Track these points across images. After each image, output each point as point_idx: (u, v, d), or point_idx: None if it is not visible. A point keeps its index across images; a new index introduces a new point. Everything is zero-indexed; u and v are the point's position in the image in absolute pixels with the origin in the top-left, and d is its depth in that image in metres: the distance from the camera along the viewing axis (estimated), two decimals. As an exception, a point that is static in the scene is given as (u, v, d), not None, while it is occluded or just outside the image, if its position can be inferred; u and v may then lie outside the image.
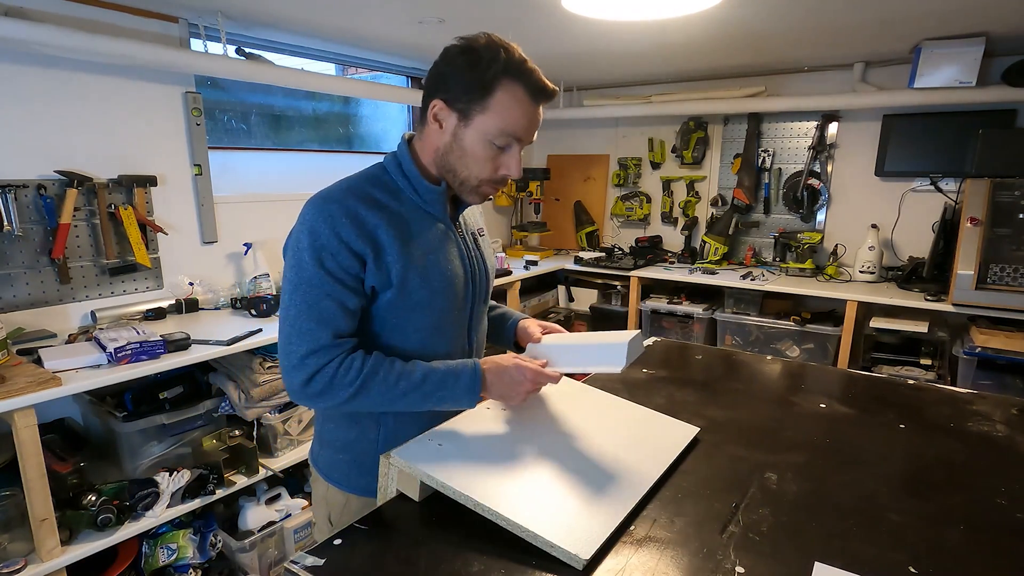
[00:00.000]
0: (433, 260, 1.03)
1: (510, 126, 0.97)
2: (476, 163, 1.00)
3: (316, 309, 0.95)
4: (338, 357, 0.96)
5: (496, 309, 1.34)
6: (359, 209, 0.97)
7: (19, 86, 1.84)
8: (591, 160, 3.95)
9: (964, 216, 2.46)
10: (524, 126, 0.98)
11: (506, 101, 0.96)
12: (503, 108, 0.96)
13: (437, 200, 1.05)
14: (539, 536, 0.75)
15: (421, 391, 0.98)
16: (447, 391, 0.99)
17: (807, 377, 1.44)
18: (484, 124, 0.97)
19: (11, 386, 1.43)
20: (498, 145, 0.99)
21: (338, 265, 0.95)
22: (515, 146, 1.00)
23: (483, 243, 1.18)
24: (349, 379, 0.95)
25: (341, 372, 0.95)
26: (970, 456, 1.04)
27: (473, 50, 0.96)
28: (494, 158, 1.00)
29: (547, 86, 0.98)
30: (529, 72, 0.96)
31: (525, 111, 0.98)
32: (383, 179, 1.04)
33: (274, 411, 2.06)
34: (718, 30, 2.29)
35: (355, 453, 1.10)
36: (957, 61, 2.41)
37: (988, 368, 2.43)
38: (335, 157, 3.04)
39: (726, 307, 3.13)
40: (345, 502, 1.13)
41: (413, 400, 0.99)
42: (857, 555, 0.76)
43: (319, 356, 0.95)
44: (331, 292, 0.95)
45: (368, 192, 1.01)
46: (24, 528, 1.53)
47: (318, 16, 2.15)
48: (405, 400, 0.98)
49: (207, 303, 2.28)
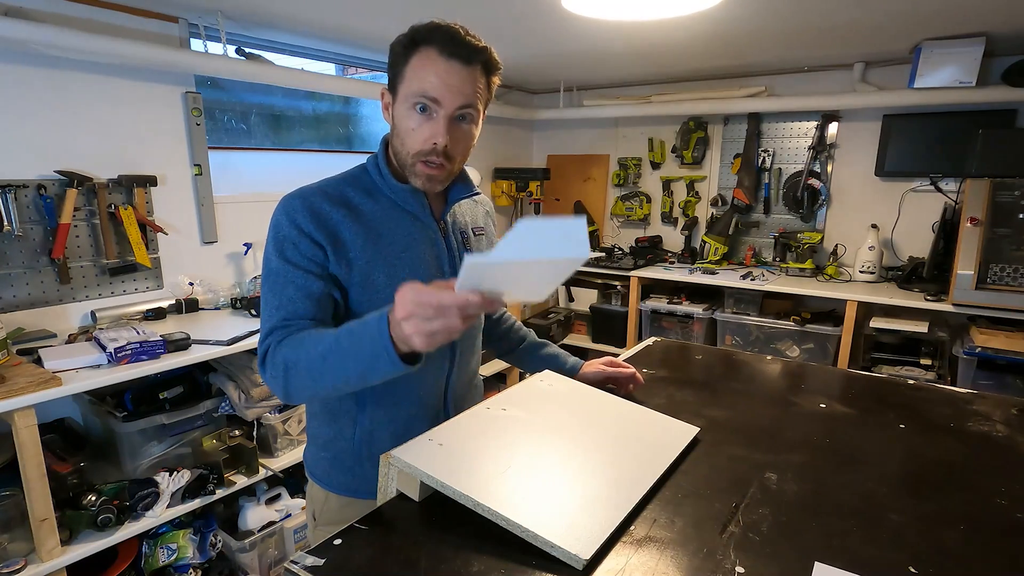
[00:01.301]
0: (405, 258, 1.02)
1: (423, 86, 0.93)
2: (408, 137, 0.97)
3: (278, 297, 0.96)
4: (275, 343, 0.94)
5: (547, 348, 1.35)
6: (323, 205, 0.99)
7: (19, 86, 1.84)
8: (591, 160, 3.95)
9: (964, 216, 2.46)
10: (436, 85, 0.93)
11: (418, 64, 0.94)
12: (417, 71, 0.94)
13: (410, 198, 1.04)
14: (539, 536, 0.75)
15: (339, 357, 0.85)
16: (360, 349, 0.83)
17: (807, 377, 1.44)
18: (404, 93, 0.96)
19: (11, 386, 1.43)
20: (419, 111, 0.95)
21: (299, 254, 0.96)
22: (439, 111, 0.95)
23: (478, 242, 1.16)
24: (276, 368, 0.92)
25: (271, 360, 0.93)
26: (970, 456, 1.04)
27: (406, 33, 0.97)
28: (420, 128, 0.96)
29: (465, 41, 0.93)
30: (444, 32, 0.93)
31: (437, 70, 0.93)
32: (362, 179, 1.05)
33: (274, 411, 2.06)
34: (718, 30, 2.29)
35: (334, 451, 1.11)
36: (957, 61, 2.41)
37: (988, 368, 2.43)
38: (335, 157, 3.05)
39: (726, 307, 3.13)
40: (325, 499, 1.14)
41: (338, 372, 0.86)
42: (857, 555, 0.76)
43: (268, 339, 0.95)
44: (293, 279, 0.96)
45: (339, 191, 1.02)
46: (24, 528, 1.53)
47: (318, 16, 2.15)
48: (332, 376, 0.87)
49: (207, 303, 2.28)
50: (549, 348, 1.36)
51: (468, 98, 0.95)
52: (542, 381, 1.20)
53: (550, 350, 1.35)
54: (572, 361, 1.32)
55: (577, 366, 1.30)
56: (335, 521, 1.09)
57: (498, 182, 3.86)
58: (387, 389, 1.07)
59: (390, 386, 1.07)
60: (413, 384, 1.08)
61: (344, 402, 1.08)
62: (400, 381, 1.07)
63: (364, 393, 1.07)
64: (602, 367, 1.26)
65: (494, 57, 0.98)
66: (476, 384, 1.26)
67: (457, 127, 0.97)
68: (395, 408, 1.08)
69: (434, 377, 1.11)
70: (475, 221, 1.18)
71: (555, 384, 1.20)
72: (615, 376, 1.25)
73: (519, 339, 1.37)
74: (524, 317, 3.61)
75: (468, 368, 1.19)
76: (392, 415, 1.08)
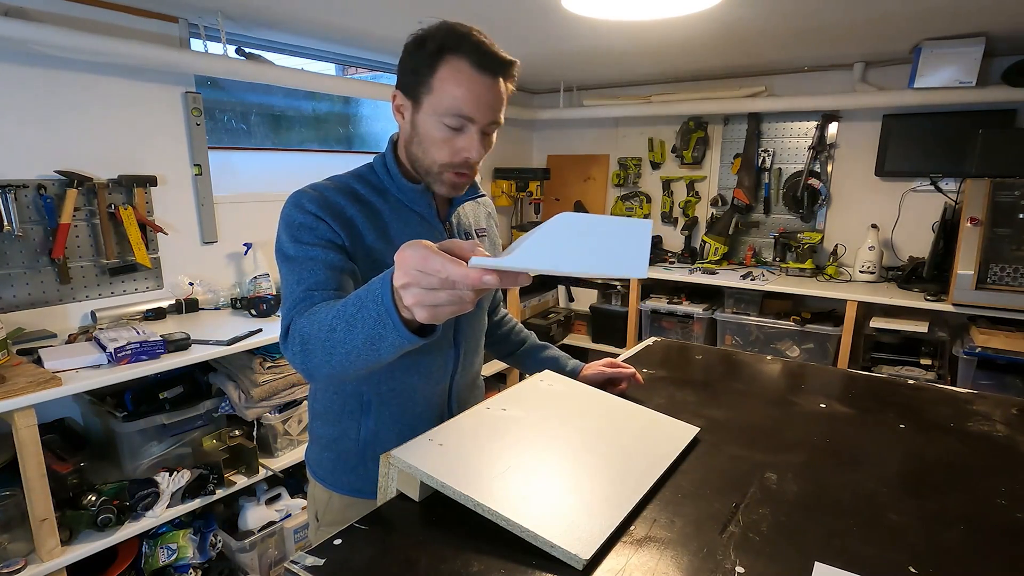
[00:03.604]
0: None
1: (456, 103, 0.91)
2: (434, 147, 0.96)
3: (297, 274, 0.92)
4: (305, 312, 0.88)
5: (548, 350, 1.35)
6: (336, 197, 0.98)
7: (19, 86, 1.84)
8: (591, 160, 3.95)
9: (964, 216, 2.46)
10: (471, 101, 0.91)
11: (449, 77, 0.90)
12: (447, 85, 0.91)
13: (419, 198, 1.04)
14: (539, 536, 0.75)
15: (347, 326, 0.77)
16: (364, 314, 0.75)
17: (807, 377, 1.44)
18: (432, 104, 0.93)
19: (11, 386, 1.43)
20: (450, 126, 0.93)
21: (316, 236, 0.94)
22: (471, 126, 0.94)
23: (482, 244, 1.17)
24: (296, 344, 0.85)
25: (291, 338, 0.86)
26: (970, 456, 1.04)
27: (421, 34, 0.94)
28: (450, 140, 0.94)
29: (496, 54, 0.91)
30: (471, 43, 0.90)
31: (471, 86, 0.90)
32: (370, 178, 1.05)
33: (274, 411, 2.06)
34: (718, 30, 2.29)
35: (338, 451, 1.11)
36: (957, 61, 2.41)
37: (988, 368, 2.43)
38: (335, 157, 3.05)
39: (726, 307, 3.13)
40: (328, 499, 1.14)
41: (347, 343, 0.78)
42: (857, 555, 0.76)
43: (291, 312, 0.88)
44: (313, 256, 0.92)
45: (351, 186, 1.01)
46: (24, 528, 1.53)
47: (318, 16, 2.15)
48: (343, 347, 0.79)
49: (207, 303, 2.28)
50: (550, 351, 1.36)
51: (497, 112, 0.95)
52: (542, 381, 1.20)
53: (550, 352, 1.35)
54: (572, 364, 1.32)
55: (578, 368, 1.30)
56: (338, 521, 1.09)
57: (498, 182, 3.86)
58: (392, 389, 1.07)
59: (395, 386, 1.07)
60: (418, 384, 1.09)
61: (348, 402, 1.08)
62: (405, 381, 1.07)
63: (369, 393, 1.07)
64: (602, 368, 1.27)
65: (517, 66, 0.98)
66: (479, 384, 1.27)
67: (484, 138, 0.97)
68: (400, 408, 1.08)
69: (438, 377, 1.12)
70: (478, 222, 1.19)
71: (555, 384, 1.20)
72: (615, 376, 1.25)
73: (520, 341, 1.37)
74: (524, 317, 3.61)
75: (472, 368, 1.20)
76: (397, 415, 1.08)
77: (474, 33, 0.92)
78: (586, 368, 1.29)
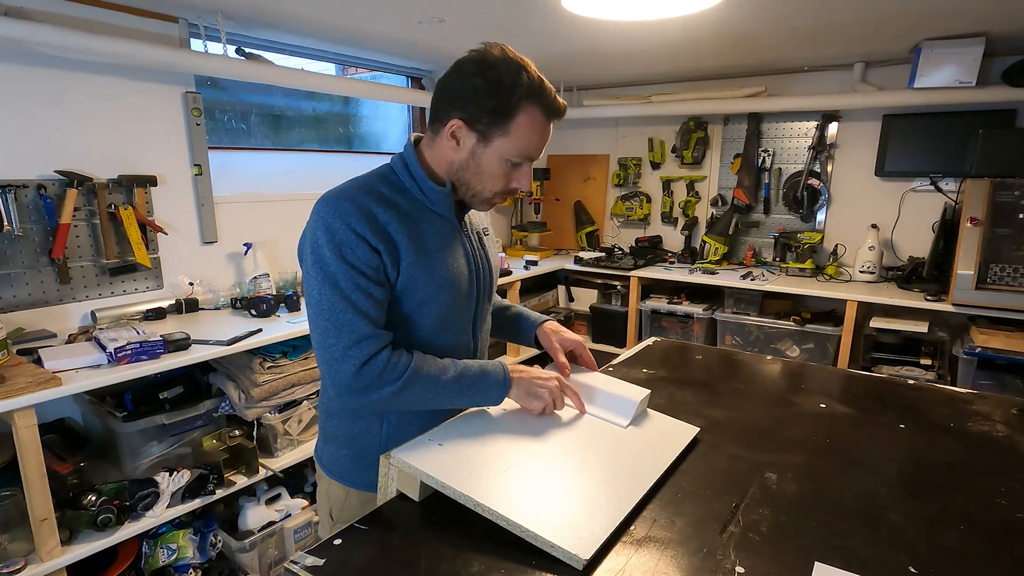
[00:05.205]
0: (440, 257, 1.04)
1: (527, 147, 1.00)
2: (492, 180, 1.04)
3: (349, 301, 0.96)
4: (385, 349, 0.97)
5: (511, 309, 1.35)
6: (371, 206, 0.99)
7: (19, 86, 1.84)
8: (591, 160, 3.95)
9: (964, 216, 2.46)
10: (538, 145, 1.02)
11: (526, 124, 0.98)
12: (523, 131, 0.99)
13: (442, 200, 1.06)
14: (539, 536, 0.75)
15: (458, 386, 1.01)
16: (479, 387, 1.03)
17: (807, 377, 1.44)
18: (504, 146, 1.00)
19: (11, 386, 1.43)
20: (513, 163, 1.02)
21: (359, 258, 0.96)
22: (528, 163, 1.04)
23: (488, 242, 1.20)
24: (397, 373, 0.96)
25: (390, 365, 0.96)
26: (970, 456, 1.04)
27: (492, 67, 0.96)
28: (508, 174, 1.03)
29: (561, 106, 1.02)
30: (547, 94, 0.99)
31: (541, 132, 1.01)
32: (391, 179, 1.06)
33: (274, 411, 2.06)
34: (718, 30, 2.29)
35: (358, 448, 1.11)
36: (957, 61, 2.41)
37: (988, 368, 2.43)
38: (335, 157, 3.04)
39: (726, 307, 3.13)
40: (345, 497, 1.14)
41: (448, 396, 1.02)
42: (857, 555, 0.76)
43: (363, 346, 0.95)
44: (359, 284, 0.96)
45: (378, 190, 1.02)
46: (24, 528, 1.53)
47: (318, 16, 2.15)
48: (442, 396, 1.01)
49: (207, 303, 2.28)
50: (513, 309, 1.35)
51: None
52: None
53: (515, 311, 1.34)
54: (535, 317, 1.30)
55: (538, 322, 1.28)
56: (356, 518, 1.09)
57: (498, 182, 3.85)
58: None
59: None
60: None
61: None
62: None
63: None
64: (554, 344, 1.22)
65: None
66: None
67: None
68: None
69: None
70: (482, 222, 1.22)
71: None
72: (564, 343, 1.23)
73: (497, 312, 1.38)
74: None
75: (485, 359, 1.21)
76: (419, 412, 1.08)
77: (544, 80, 0.99)
78: (545, 325, 1.27)
